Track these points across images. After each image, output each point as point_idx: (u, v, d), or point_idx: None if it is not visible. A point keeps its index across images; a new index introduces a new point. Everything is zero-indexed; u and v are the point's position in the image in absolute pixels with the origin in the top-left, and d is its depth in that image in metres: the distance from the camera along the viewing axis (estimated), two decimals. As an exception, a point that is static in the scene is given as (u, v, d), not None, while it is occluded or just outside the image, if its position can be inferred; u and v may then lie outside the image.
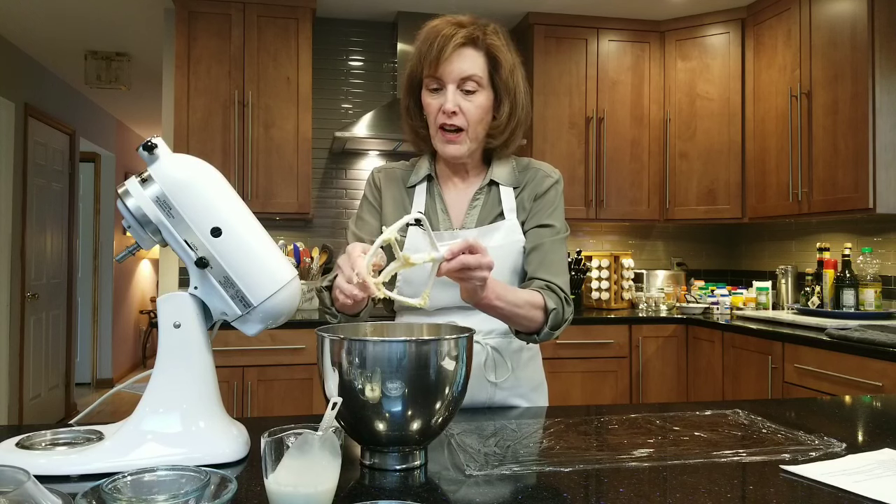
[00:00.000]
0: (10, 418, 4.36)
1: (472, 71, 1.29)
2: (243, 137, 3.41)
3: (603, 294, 3.82)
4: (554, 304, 1.27)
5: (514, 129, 1.38)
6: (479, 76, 1.30)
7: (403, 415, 0.90)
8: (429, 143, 1.41)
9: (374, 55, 3.96)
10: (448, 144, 1.33)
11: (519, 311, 1.21)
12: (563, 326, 1.30)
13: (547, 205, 1.40)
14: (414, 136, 1.43)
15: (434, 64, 1.28)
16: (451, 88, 1.29)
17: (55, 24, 4.05)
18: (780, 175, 3.39)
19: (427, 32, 1.31)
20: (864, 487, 0.86)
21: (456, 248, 1.03)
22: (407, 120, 1.42)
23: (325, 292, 1.32)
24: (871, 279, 3.04)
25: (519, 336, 1.32)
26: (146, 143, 0.96)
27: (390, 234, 1.01)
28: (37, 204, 4.80)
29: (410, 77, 1.37)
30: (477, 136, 1.34)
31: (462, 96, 1.30)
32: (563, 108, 3.78)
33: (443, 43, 1.27)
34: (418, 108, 1.39)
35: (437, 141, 1.35)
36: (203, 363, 0.99)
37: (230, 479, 0.73)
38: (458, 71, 1.29)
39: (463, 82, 1.29)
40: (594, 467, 0.95)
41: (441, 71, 1.29)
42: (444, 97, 1.30)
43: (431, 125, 1.35)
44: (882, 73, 2.85)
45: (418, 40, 1.33)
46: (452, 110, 1.29)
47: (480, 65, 1.31)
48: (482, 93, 1.32)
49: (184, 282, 3.69)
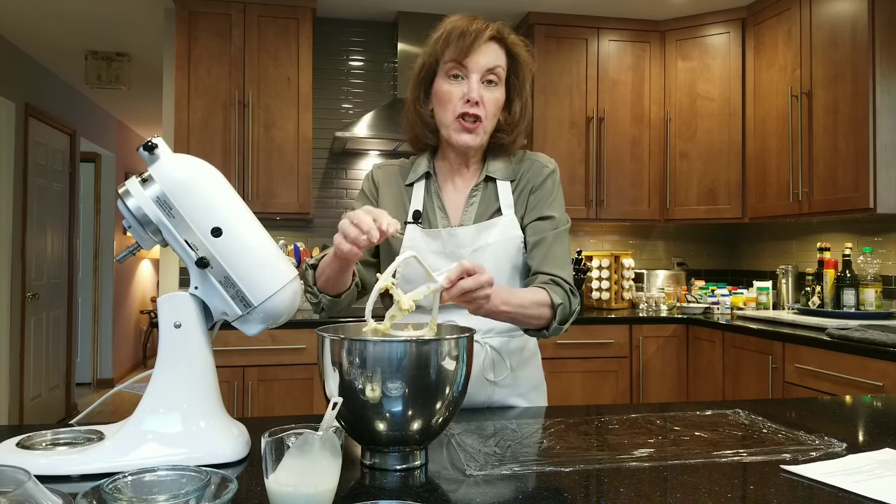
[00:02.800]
0: (10, 418, 4.36)
1: (497, 62, 1.33)
2: (243, 137, 3.41)
3: (603, 294, 3.81)
4: (560, 298, 1.27)
5: (523, 128, 1.41)
6: (501, 70, 1.33)
7: (404, 415, 0.90)
8: (435, 134, 1.39)
9: (375, 55, 3.96)
10: (465, 133, 1.32)
11: (526, 311, 1.22)
12: (572, 319, 1.31)
13: (545, 196, 1.40)
14: (417, 129, 1.40)
15: (465, 51, 1.30)
16: (475, 78, 1.31)
17: (55, 24, 4.05)
18: (780, 175, 3.38)
19: (454, 23, 1.32)
20: (865, 487, 0.86)
21: (453, 274, 1.03)
22: (417, 109, 1.39)
23: (310, 270, 1.33)
24: (872, 279, 3.04)
25: (528, 333, 1.32)
26: (146, 143, 0.96)
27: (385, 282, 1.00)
28: (37, 204, 4.80)
29: (426, 66, 1.36)
30: (489, 129, 1.36)
31: (483, 88, 1.32)
32: (563, 108, 3.78)
33: (476, 33, 1.30)
34: (428, 98, 1.39)
35: (451, 130, 1.33)
36: (203, 363, 0.99)
37: (231, 479, 0.73)
38: (485, 62, 1.31)
39: (487, 73, 1.32)
40: (594, 467, 0.95)
41: (469, 60, 1.30)
42: (465, 86, 1.31)
43: (448, 113, 1.33)
44: (882, 72, 2.85)
45: (441, 31, 1.33)
46: (477, 99, 1.30)
47: (503, 60, 1.34)
48: (499, 88, 1.35)
49: (184, 282, 3.69)
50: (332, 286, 1.27)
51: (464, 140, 1.33)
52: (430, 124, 1.39)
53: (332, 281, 1.25)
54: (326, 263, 1.25)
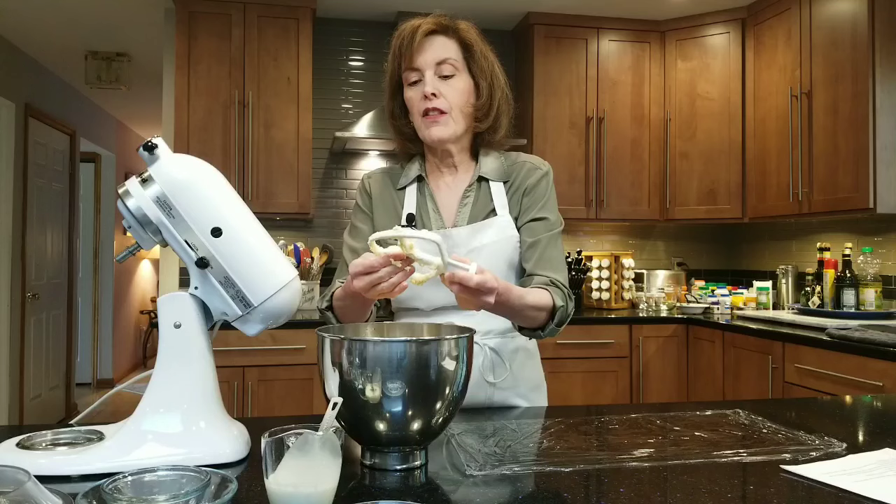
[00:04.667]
0: (10, 418, 4.36)
1: (447, 54, 1.32)
2: (243, 137, 3.41)
3: (603, 294, 3.81)
4: (561, 300, 1.27)
5: (499, 114, 1.39)
6: (453, 59, 1.32)
7: (404, 415, 0.90)
8: (416, 142, 1.41)
9: (374, 55, 3.96)
10: (432, 125, 1.32)
11: (527, 306, 1.21)
12: (566, 322, 1.31)
13: (538, 198, 1.39)
14: (401, 137, 1.44)
15: (408, 55, 1.31)
16: (428, 74, 1.31)
17: (55, 25, 4.05)
18: (780, 175, 3.38)
19: (398, 32, 1.35)
20: (865, 487, 0.86)
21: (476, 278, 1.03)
22: (392, 122, 1.43)
23: (329, 314, 1.31)
24: (872, 279, 3.04)
25: (522, 332, 1.31)
26: (146, 144, 0.96)
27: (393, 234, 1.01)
28: (37, 204, 4.80)
29: (391, 79, 1.39)
30: (462, 119, 1.34)
31: (440, 81, 1.32)
32: (563, 108, 3.78)
33: (412, 32, 1.31)
34: (402, 110, 1.40)
35: (421, 128, 1.35)
36: (203, 363, 0.99)
37: (230, 479, 0.73)
38: (432, 56, 1.31)
39: (439, 67, 1.31)
40: (594, 467, 0.94)
41: (416, 60, 1.31)
42: (423, 86, 1.31)
43: (416, 118, 1.35)
44: (882, 72, 2.85)
45: (392, 42, 1.35)
46: (432, 92, 1.30)
47: (453, 49, 1.34)
48: (460, 77, 1.33)
49: (184, 282, 3.69)
50: (358, 318, 1.28)
51: (432, 133, 1.33)
52: (406, 133, 1.42)
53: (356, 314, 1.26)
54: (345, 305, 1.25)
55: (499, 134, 1.41)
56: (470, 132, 1.39)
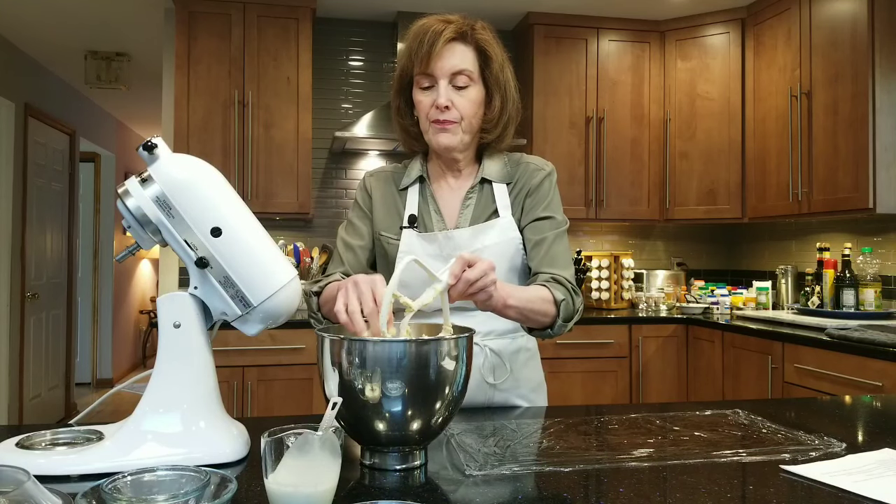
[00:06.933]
0: (10, 418, 4.36)
1: (464, 66, 1.30)
2: (243, 137, 3.41)
3: (603, 294, 3.81)
4: (562, 294, 1.26)
5: (507, 123, 1.38)
6: (470, 70, 1.30)
7: (403, 415, 0.90)
8: (420, 141, 1.40)
9: (374, 55, 3.96)
10: (441, 133, 1.31)
11: (532, 306, 1.21)
12: (576, 317, 1.30)
13: (542, 198, 1.39)
14: (405, 135, 1.43)
15: (425, 60, 1.28)
16: (443, 84, 1.29)
17: (55, 24, 4.05)
18: (780, 175, 3.39)
19: (416, 30, 1.31)
20: (864, 487, 0.86)
21: (456, 269, 1.02)
22: (398, 119, 1.41)
23: (314, 297, 1.31)
24: (871, 279, 3.04)
25: (533, 333, 1.31)
26: (146, 143, 0.96)
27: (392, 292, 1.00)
28: (37, 204, 4.80)
29: (401, 76, 1.36)
30: (471, 129, 1.34)
31: (454, 91, 1.30)
32: (563, 108, 3.78)
33: (433, 38, 1.27)
34: (409, 107, 1.39)
35: (429, 133, 1.34)
36: (203, 363, 0.99)
37: (230, 479, 0.73)
38: (449, 66, 1.29)
39: (454, 77, 1.29)
40: (594, 467, 0.95)
41: (432, 67, 1.28)
42: (435, 93, 1.30)
43: (423, 122, 1.34)
44: (882, 72, 2.85)
45: (408, 39, 1.32)
46: (445, 105, 1.28)
47: (471, 59, 1.31)
48: (474, 87, 1.32)
49: (184, 282, 3.69)
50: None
51: (440, 140, 1.32)
52: (411, 132, 1.41)
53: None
54: (332, 296, 1.21)
55: (505, 142, 1.41)
56: (476, 139, 1.39)
